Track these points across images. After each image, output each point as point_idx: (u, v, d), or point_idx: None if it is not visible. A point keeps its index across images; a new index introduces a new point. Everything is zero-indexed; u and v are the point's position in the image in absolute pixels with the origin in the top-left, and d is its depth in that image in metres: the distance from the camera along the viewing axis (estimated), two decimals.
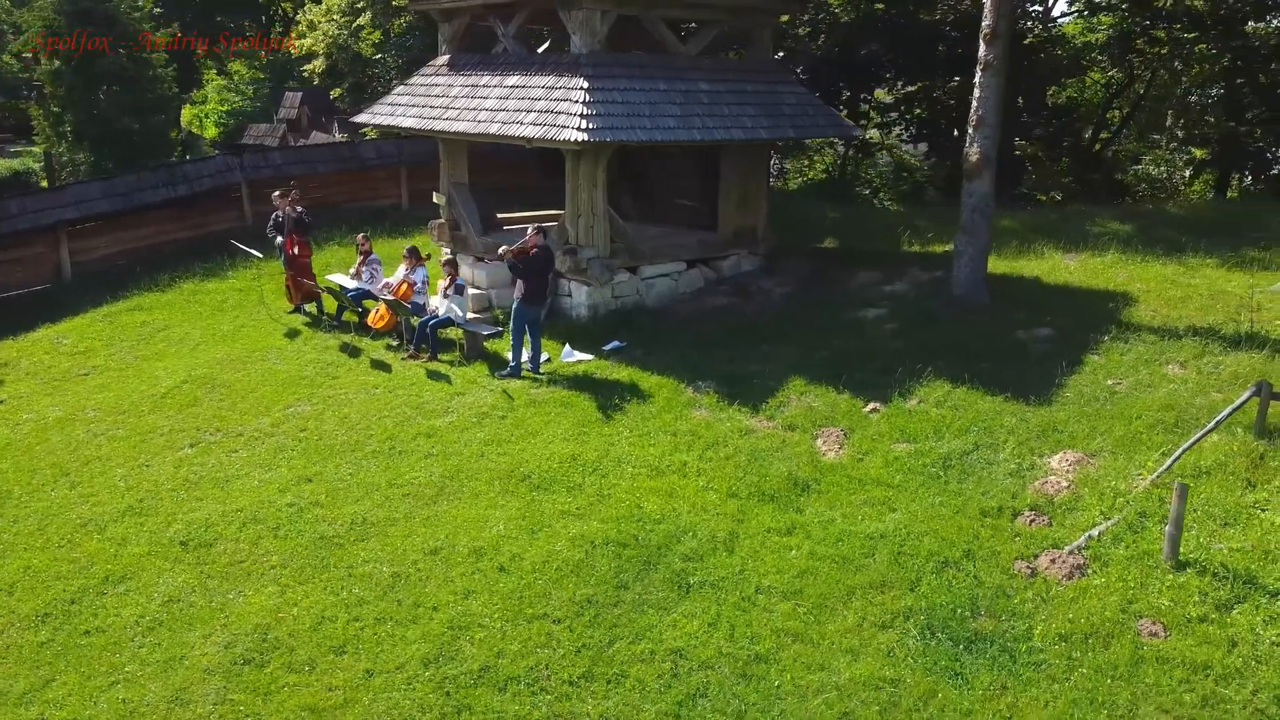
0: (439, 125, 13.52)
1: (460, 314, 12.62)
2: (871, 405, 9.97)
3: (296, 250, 14.00)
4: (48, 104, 19.88)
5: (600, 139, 11.56)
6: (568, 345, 12.38)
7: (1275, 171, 23.83)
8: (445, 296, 12.63)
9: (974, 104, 11.61)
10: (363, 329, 13.24)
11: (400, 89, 15.24)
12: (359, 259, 13.78)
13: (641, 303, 13.87)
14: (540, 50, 15.65)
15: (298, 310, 14.59)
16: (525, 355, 11.81)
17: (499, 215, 15.95)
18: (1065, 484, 8.22)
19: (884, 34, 19.23)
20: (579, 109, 11.74)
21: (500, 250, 11.64)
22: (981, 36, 11.36)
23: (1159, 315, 11.47)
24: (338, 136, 24.22)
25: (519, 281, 11.55)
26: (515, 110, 12.51)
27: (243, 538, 8.60)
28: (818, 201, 20.99)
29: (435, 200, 15.70)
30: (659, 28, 13.40)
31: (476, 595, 7.55)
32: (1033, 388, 9.90)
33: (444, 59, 14.84)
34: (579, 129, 11.48)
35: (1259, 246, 14.03)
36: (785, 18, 19.32)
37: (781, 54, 21.55)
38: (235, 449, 10.36)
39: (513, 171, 21.15)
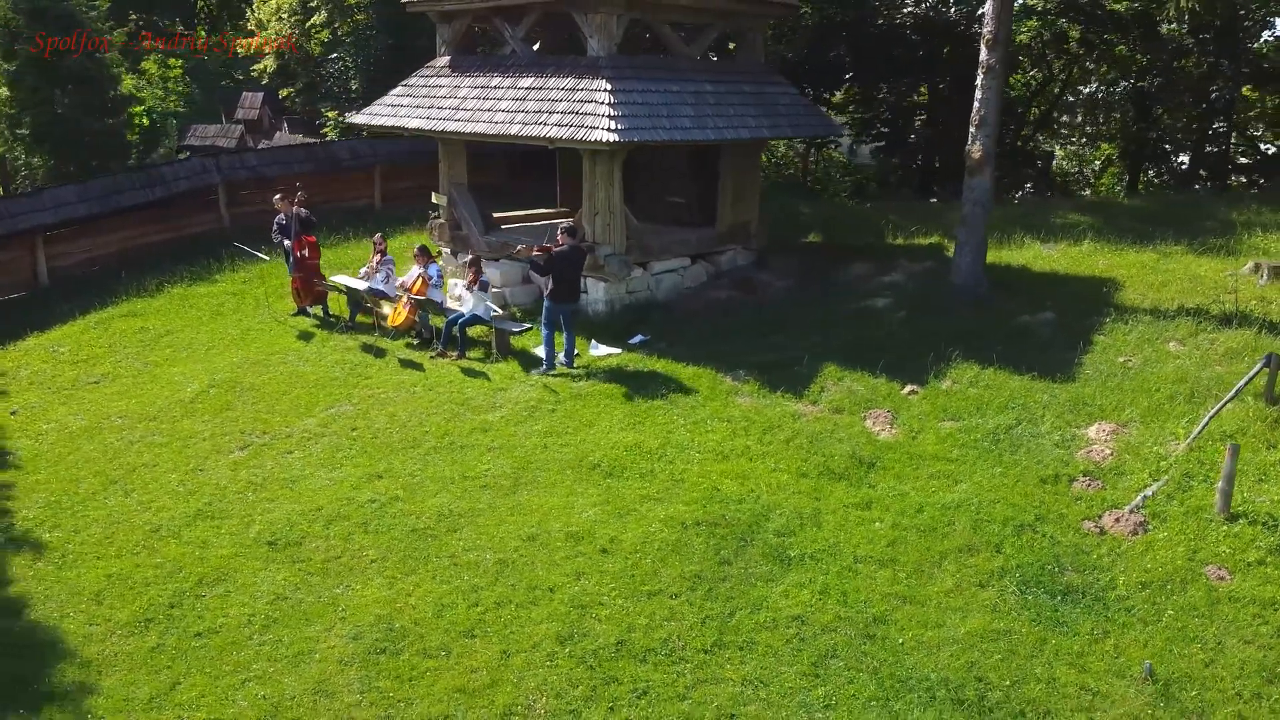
0: (451, 126, 13.65)
1: (486, 311, 12.81)
2: (909, 388, 10.62)
3: (306, 252, 13.92)
4: (2, 106, 19.02)
5: (629, 139, 11.93)
6: (594, 340, 12.71)
7: (1181, 166, 25.80)
8: (469, 294, 12.78)
9: (976, 104, 12.41)
10: (382, 329, 13.28)
11: (399, 90, 15.26)
12: (375, 257, 13.79)
13: (653, 298, 14.29)
14: (534, 51, 15.88)
15: (301, 313, 14.49)
16: (552, 350, 12.04)
17: (494, 215, 16.15)
18: (1108, 451, 9.01)
19: (847, 38, 20.07)
20: (605, 110, 12.08)
21: (520, 248, 11.89)
22: (983, 42, 12.16)
23: (1148, 298, 12.49)
24: (295, 138, 23.80)
25: (548, 279, 11.81)
26: (535, 111, 12.75)
27: (332, 534, 8.68)
28: (789, 199, 21.73)
29: (435, 200, 15.77)
30: (665, 31, 13.84)
31: (588, 576, 7.86)
32: (1053, 367, 10.71)
33: (444, 60, 14.93)
34: (609, 130, 11.82)
35: (1215, 235, 15.30)
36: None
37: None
38: (289, 450, 10.36)
39: (476, 171, 21.27)
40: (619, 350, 12.51)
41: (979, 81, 12.33)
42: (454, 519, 8.81)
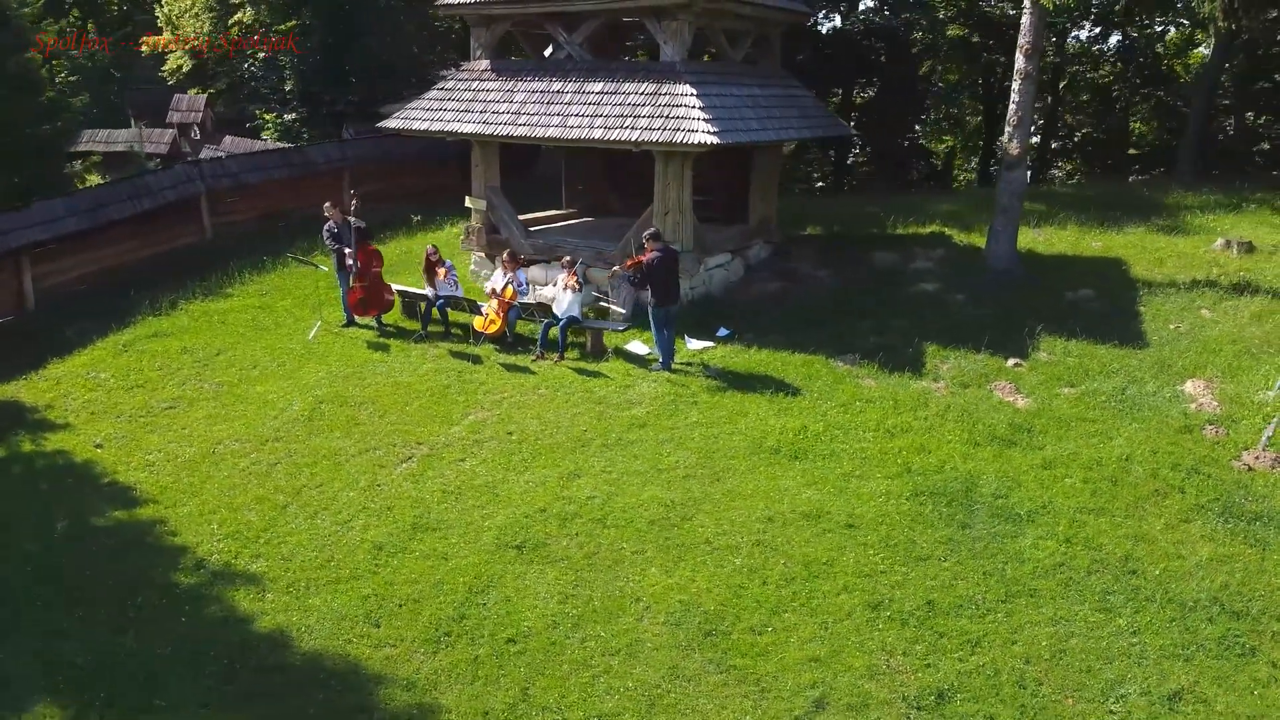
0: (516, 131, 13.66)
1: (579, 312, 13.00)
2: (1012, 360, 11.84)
3: (370, 261, 13.54)
4: None
5: (728, 140, 12.49)
6: (687, 336, 13.17)
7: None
8: (566, 296, 12.91)
9: (1012, 107, 13.83)
10: (477, 336, 13.15)
11: (435, 93, 15.03)
12: (440, 269, 13.59)
13: (709, 293, 14.89)
14: (547, 56, 16.05)
15: (351, 324, 14.07)
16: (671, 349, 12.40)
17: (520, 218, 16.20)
18: (1215, 403, 10.54)
19: (810, 42, 21.35)
20: (698, 113, 12.57)
21: (615, 268, 12.24)
22: (1021, 51, 13.58)
23: (1157, 273, 14.37)
24: (252, 143, 22.34)
25: (647, 287, 12.16)
26: (618, 116, 13.03)
27: (574, 533, 8.83)
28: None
29: (469, 204, 15.63)
30: (720, 39, 14.46)
31: (850, 550, 8.47)
32: (1121, 336, 12.24)
33: (482, 64, 14.85)
34: (708, 132, 12.33)
35: (1162, 217, 17.60)
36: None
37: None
38: (460, 458, 10.28)
39: (431, 174, 21.19)
40: (711, 344, 13.04)
41: (1015, 86, 13.76)
42: (680, 508, 9.16)
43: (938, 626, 7.55)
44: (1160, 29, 23.35)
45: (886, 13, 21.60)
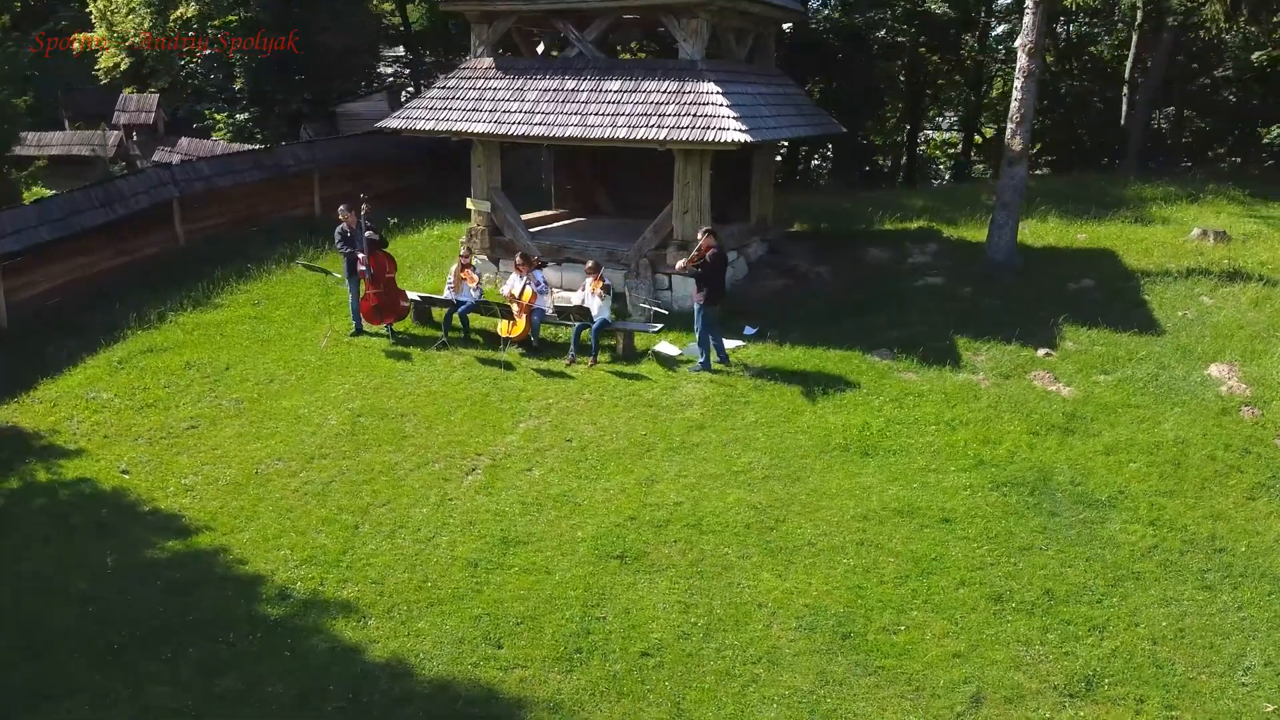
0: (535, 131, 13.36)
1: (609, 315, 12.81)
2: (1042, 350, 12.19)
3: (385, 266, 13.03)
4: None
5: (758, 138, 12.49)
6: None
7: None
8: (595, 299, 12.70)
9: (1015, 104, 14.24)
10: (501, 342, 12.79)
11: (436, 92, 14.57)
12: (467, 271, 13.19)
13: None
14: (542, 54, 15.76)
15: (359, 332, 13.52)
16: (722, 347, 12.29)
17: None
18: (1243, 385, 11.09)
19: (788, 42, 21.51)
20: (726, 111, 12.52)
21: (679, 264, 12.13)
22: (1024, 50, 13.99)
23: (1147, 262, 15.03)
24: (217, 146, 21.10)
25: (700, 285, 12.08)
26: (642, 115, 12.88)
27: (671, 540, 8.68)
28: None
29: (470, 206, 15.22)
30: (729, 37, 14.43)
31: (954, 544, 8.57)
32: (1135, 324, 12.74)
33: (485, 62, 14.47)
34: (739, 130, 12.29)
35: (1125, 208, 18.42)
36: None
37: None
38: (526, 468, 9.99)
39: (400, 175, 20.62)
40: (740, 343, 13.02)
41: (1018, 84, 14.17)
42: (771, 511, 9.11)
43: (1062, 614, 7.71)
44: (1100, 29, 24.52)
45: (853, 13, 21.96)
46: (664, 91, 13.01)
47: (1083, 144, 24.11)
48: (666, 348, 12.74)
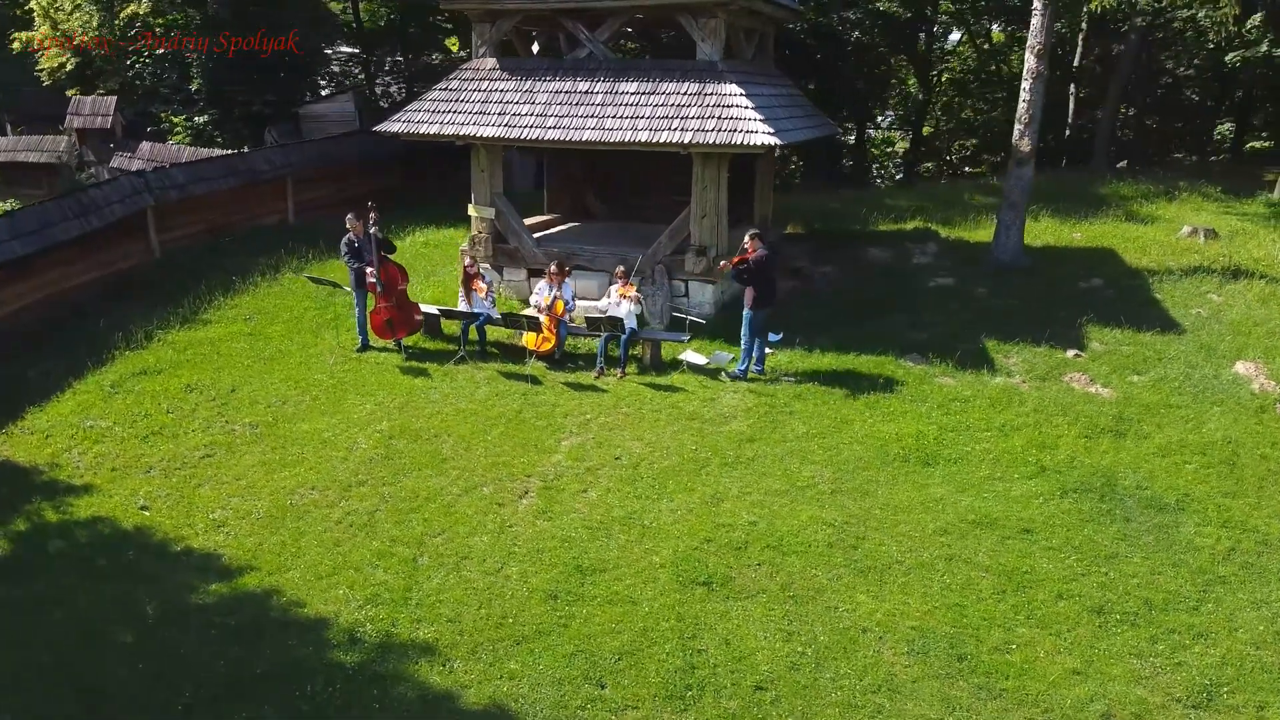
0: (550, 135, 12.85)
1: (637, 324, 12.42)
2: (1071, 352, 12.24)
3: (396, 278, 12.40)
4: None
5: (785, 141, 12.25)
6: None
7: None
8: (622, 308, 12.30)
9: (1023, 105, 14.30)
10: (513, 351, 12.30)
11: (437, 94, 13.92)
12: (482, 283, 12.65)
13: (736, 293, 14.58)
14: (535, 54, 15.28)
15: (366, 348, 12.86)
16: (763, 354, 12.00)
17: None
18: (1272, 383, 11.29)
19: (776, 43, 21.37)
20: (751, 114, 12.24)
21: (722, 264, 11.80)
22: (1032, 51, 14.05)
23: (1149, 260, 15.28)
24: (182, 151, 19.87)
25: (748, 288, 11.79)
26: (662, 118, 12.51)
27: (755, 563, 8.37)
28: None
29: (472, 212, 14.63)
30: (740, 37, 14.14)
31: (1038, 556, 8.45)
32: (1154, 323, 12.89)
33: (489, 63, 13.90)
34: (767, 133, 12.02)
35: (1109, 207, 18.78)
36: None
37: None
38: (580, 489, 9.57)
39: (375, 178, 19.91)
40: (769, 350, 12.76)
41: (1026, 85, 14.23)
42: (848, 528, 8.88)
43: (1164, 623, 7.65)
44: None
45: (827, 12, 21.93)
46: (684, 93, 12.67)
47: (1048, 143, 24.51)
48: (694, 356, 12.39)
